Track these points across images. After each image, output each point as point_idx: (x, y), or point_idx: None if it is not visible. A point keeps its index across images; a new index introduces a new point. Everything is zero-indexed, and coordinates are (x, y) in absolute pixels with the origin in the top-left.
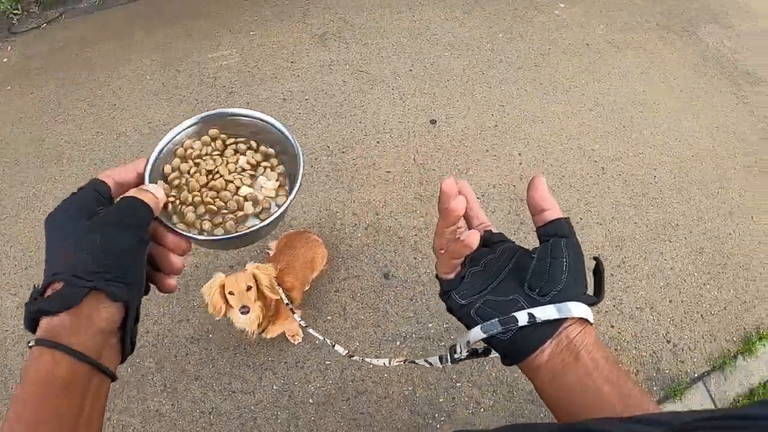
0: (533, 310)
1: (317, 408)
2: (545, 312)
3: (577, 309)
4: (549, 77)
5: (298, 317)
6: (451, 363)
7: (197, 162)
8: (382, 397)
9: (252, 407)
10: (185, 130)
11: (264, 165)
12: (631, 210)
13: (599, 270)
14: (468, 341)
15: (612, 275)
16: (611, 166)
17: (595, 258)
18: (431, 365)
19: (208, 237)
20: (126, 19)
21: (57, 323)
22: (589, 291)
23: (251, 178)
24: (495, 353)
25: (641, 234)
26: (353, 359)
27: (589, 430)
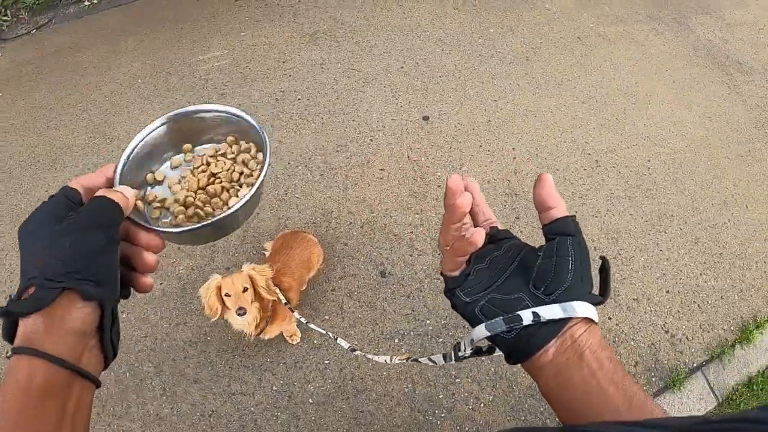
0: (538, 309)
1: (317, 408)
2: (550, 311)
3: (582, 309)
4: (541, 71)
5: (297, 315)
6: (455, 361)
7: (209, 162)
8: (381, 395)
9: (252, 409)
10: (153, 131)
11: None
12: (626, 202)
13: (605, 269)
14: (472, 339)
15: None
16: (605, 158)
17: (602, 257)
18: (435, 363)
19: (179, 229)
20: (116, 24)
21: (32, 329)
22: (595, 290)
23: (246, 187)
24: (499, 351)
25: (636, 225)
26: (355, 354)
27: None
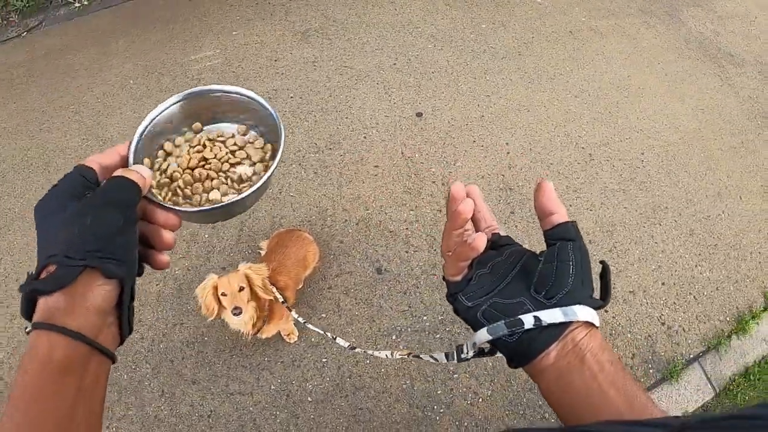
0: (539, 313)
1: (316, 406)
2: (551, 315)
3: (583, 312)
4: (533, 66)
5: (295, 314)
6: (458, 362)
7: (206, 145)
8: (380, 392)
9: (251, 408)
10: (167, 109)
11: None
12: (620, 195)
13: (606, 274)
14: (474, 343)
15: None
16: (599, 152)
17: (602, 262)
18: (437, 361)
19: (196, 209)
20: (107, 25)
21: (52, 305)
22: (596, 294)
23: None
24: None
25: (631, 218)
26: (355, 351)
27: None
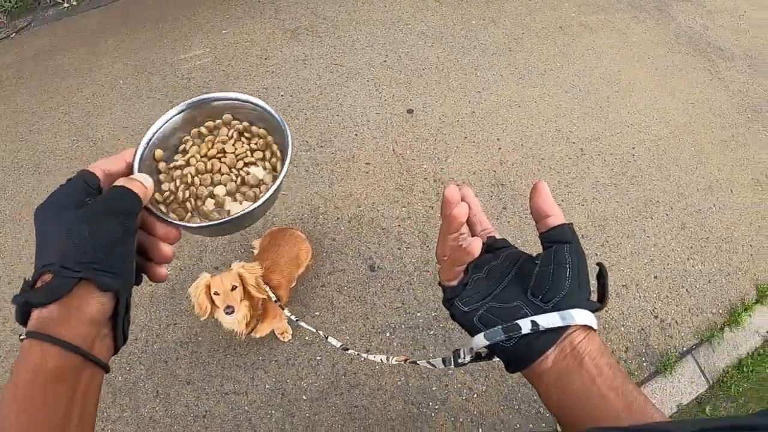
0: (536, 317)
1: (311, 404)
2: (548, 320)
3: (581, 316)
4: (524, 61)
5: (287, 312)
6: (455, 367)
7: (223, 139)
8: (375, 389)
9: (246, 408)
10: (172, 118)
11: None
12: (612, 189)
13: (603, 276)
14: (471, 348)
15: (596, 255)
16: (590, 146)
17: (599, 264)
18: (434, 367)
19: (198, 224)
20: (96, 25)
21: (47, 315)
22: (593, 297)
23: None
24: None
25: (623, 212)
26: (348, 353)
27: None
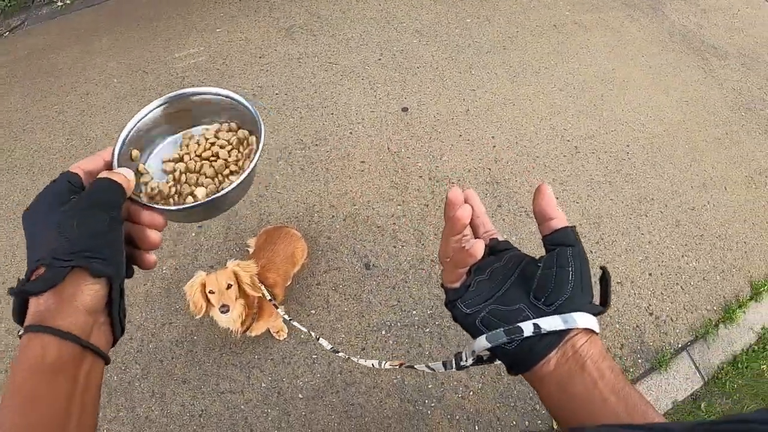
0: (539, 320)
1: (307, 403)
2: (551, 323)
3: (583, 319)
4: (518, 60)
5: (282, 311)
6: (456, 369)
7: (221, 144)
8: (371, 387)
9: (242, 407)
10: (149, 113)
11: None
12: (607, 187)
13: (605, 279)
14: (473, 350)
15: (591, 252)
16: (584, 144)
17: (602, 267)
18: (433, 371)
19: (179, 207)
20: (90, 24)
21: (43, 307)
22: (596, 300)
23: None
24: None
25: (617, 210)
26: (338, 355)
27: None
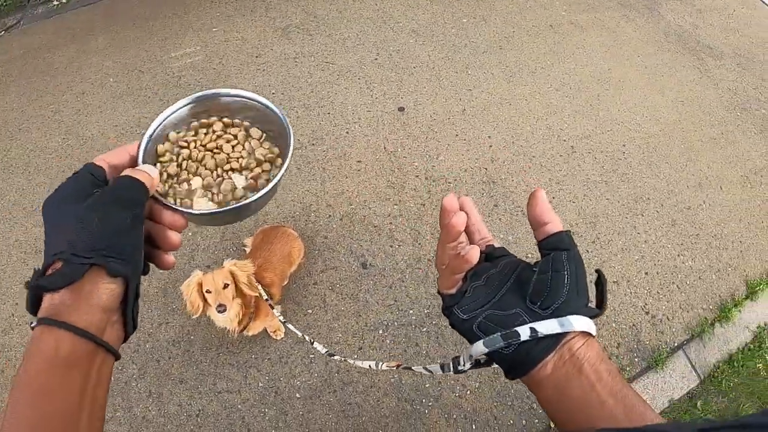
0: (535, 324)
1: (305, 402)
2: (547, 326)
3: (579, 322)
4: (514, 60)
5: (277, 312)
6: (454, 373)
7: (227, 138)
8: (368, 387)
9: (239, 406)
10: (177, 111)
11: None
12: (603, 186)
13: (601, 282)
14: (471, 355)
15: (587, 251)
16: (580, 144)
17: (597, 270)
18: (431, 373)
19: (202, 211)
20: (86, 23)
21: (58, 302)
22: (592, 303)
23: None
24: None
25: (614, 209)
26: (334, 359)
27: None
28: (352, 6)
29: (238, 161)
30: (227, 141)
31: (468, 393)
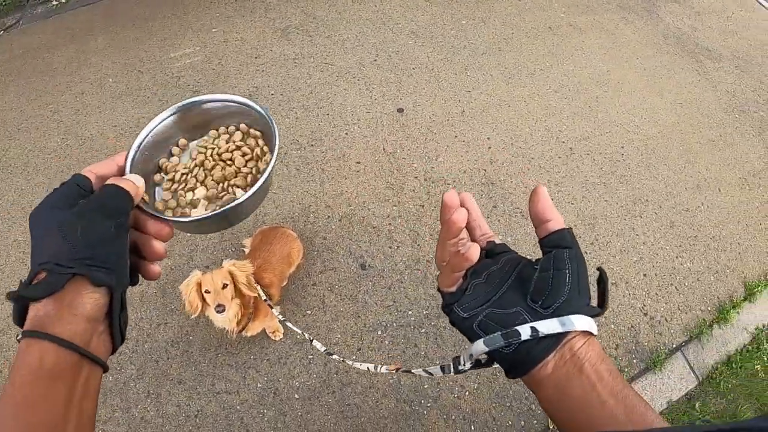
0: (536, 323)
1: (303, 403)
2: (548, 326)
3: (580, 322)
4: (513, 61)
5: (277, 312)
6: (455, 374)
7: (244, 151)
8: (367, 388)
9: (238, 407)
10: (163, 121)
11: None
12: (601, 188)
13: (603, 281)
14: (471, 354)
15: (586, 253)
16: (579, 145)
17: (599, 269)
18: (431, 375)
19: (188, 219)
20: (85, 23)
21: (43, 313)
22: (593, 302)
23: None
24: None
25: (612, 211)
26: (332, 358)
27: None
28: (351, 7)
29: (246, 178)
30: (243, 154)
31: (467, 394)
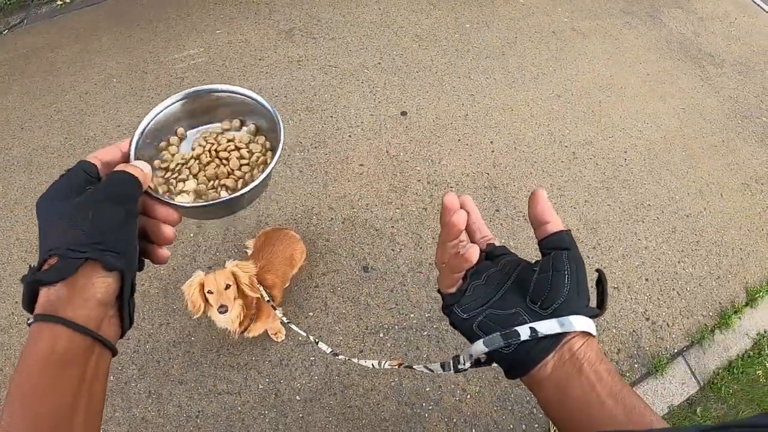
0: (535, 324)
1: (305, 404)
2: (547, 326)
3: (579, 322)
4: (517, 65)
5: (280, 313)
6: (454, 372)
7: (240, 152)
8: (368, 390)
9: (239, 408)
10: (168, 107)
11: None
12: (604, 192)
13: (601, 282)
14: (471, 354)
15: (588, 257)
16: (582, 150)
17: (598, 270)
18: (432, 372)
19: (195, 204)
20: (90, 23)
21: (54, 297)
22: (592, 303)
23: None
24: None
25: (615, 216)
26: (338, 358)
27: None
28: (355, 10)
29: (237, 181)
30: (240, 157)
31: (468, 397)
